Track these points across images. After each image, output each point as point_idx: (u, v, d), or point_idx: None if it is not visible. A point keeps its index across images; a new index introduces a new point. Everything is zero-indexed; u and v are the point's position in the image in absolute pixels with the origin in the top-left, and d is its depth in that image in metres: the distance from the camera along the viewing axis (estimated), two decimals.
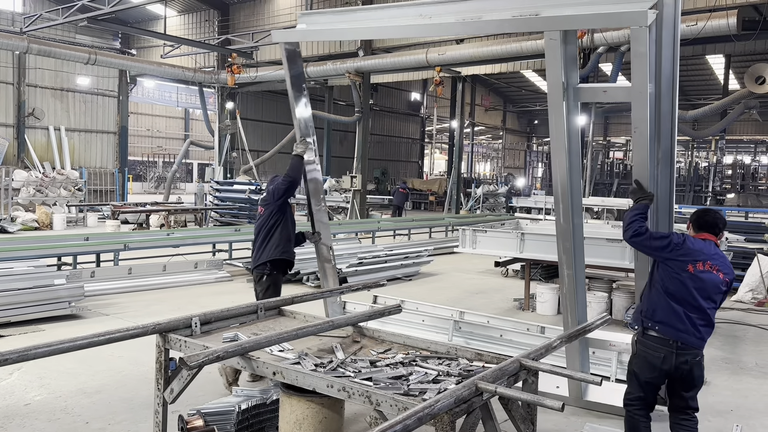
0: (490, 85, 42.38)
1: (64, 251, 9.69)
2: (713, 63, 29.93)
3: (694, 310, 3.76)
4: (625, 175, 32.71)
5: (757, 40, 18.79)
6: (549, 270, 10.71)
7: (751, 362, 6.74)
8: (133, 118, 36.08)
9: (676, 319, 3.77)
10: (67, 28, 25.20)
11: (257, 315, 4.61)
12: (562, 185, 4.51)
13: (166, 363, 3.86)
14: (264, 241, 5.75)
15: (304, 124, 5.86)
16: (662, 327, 3.80)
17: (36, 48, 21.09)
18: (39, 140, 25.16)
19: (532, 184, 44.39)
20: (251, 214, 19.10)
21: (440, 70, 21.16)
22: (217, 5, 28.45)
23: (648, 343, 3.85)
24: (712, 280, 3.76)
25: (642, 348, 3.89)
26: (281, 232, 5.76)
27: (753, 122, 34.47)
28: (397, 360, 3.82)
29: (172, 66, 26.12)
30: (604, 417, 5.02)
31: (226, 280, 10.54)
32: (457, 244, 9.55)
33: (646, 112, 3.94)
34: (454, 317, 6.58)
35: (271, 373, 3.57)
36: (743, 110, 20.77)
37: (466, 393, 2.86)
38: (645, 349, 3.87)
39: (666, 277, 3.84)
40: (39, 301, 7.49)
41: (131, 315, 7.93)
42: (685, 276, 3.76)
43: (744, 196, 26.29)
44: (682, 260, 3.79)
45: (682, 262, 3.78)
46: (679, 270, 3.78)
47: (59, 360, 5.10)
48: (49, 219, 17.78)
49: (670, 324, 3.78)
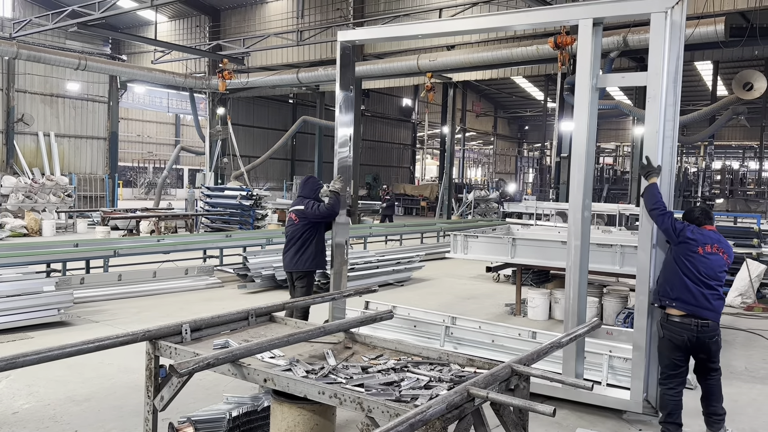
0: (481, 91, 42.56)
1: (54, 258, 9.62)
2: (701, 69, 30.21)
3: (704, 286, 4.46)
4: (615, 180, 32.86)
5: (745, 47, 18.96)
6: (540, 275, 10.74)
7: (741, 366, 6.78)
8: (123, 124, 35.96)
9: (690, 294, 4.47)
10: (57, 33, 25.10)
11: (248, 321, 4.59)
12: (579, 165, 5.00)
13: (156, 370, 3.83)
14: (299, 251, 6.44)
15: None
16: (678, 303, 4.50)
17: (25, 53, 20.97)
18: (28, 146, 25.00)
19: (523, 190, 44.54)
20: (242, 220, 19.07)
21: (431, 76, 21.23)
22: (208, 11, 28.42)
23: (671, 327, 4.55)
24: (717, 260, 4.52)
25: (667, 332, 4.58)
26: (317, 245, 6.46)
27: (741, 128, 34.78)
28: (389, 366, 3.81)
29: (163, 71, 26.06)
30: (596, 415, 5.04)
31: (217, 287, 10.50)
32: (449, 249, 9.55)
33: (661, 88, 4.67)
34: (446, 323, 6.57)
35: (262, 380, 3.55)
36: (731, 116, 20.95)
37: (457, 399, 2.86)
38: (670, 333, 4.56)
39: (679, 259, 4.54)
40: (28, 308, 7.43)
41: (121, 322, 7.88)
42: (696, 257, 4.49)
43: (733, 201, 26.49)
44: (694, 243, 4.51)
45: (694, 245, 4.51)
46: (692, 251, 4.50)
47: (48, 367, 5.06)
48: (39, 225, 17.66)
49: (684, 300, 4.48)
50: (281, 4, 26.21)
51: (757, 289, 9.93)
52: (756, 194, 29.93)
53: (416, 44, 22.40)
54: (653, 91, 4.72)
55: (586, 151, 4.96)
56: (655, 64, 4.70)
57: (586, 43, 4.91)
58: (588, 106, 4.94)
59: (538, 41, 18.49)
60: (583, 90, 4.95)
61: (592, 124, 5.01)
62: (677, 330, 4.50)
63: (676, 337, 4.51)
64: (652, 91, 4.73)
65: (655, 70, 4.71)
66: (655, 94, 4.72)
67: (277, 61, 26.30)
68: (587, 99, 4.94)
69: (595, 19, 4.89)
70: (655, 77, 4.71)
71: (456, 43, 21.58)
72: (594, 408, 5.28)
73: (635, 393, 5.00)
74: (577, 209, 5.02)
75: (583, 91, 4.95)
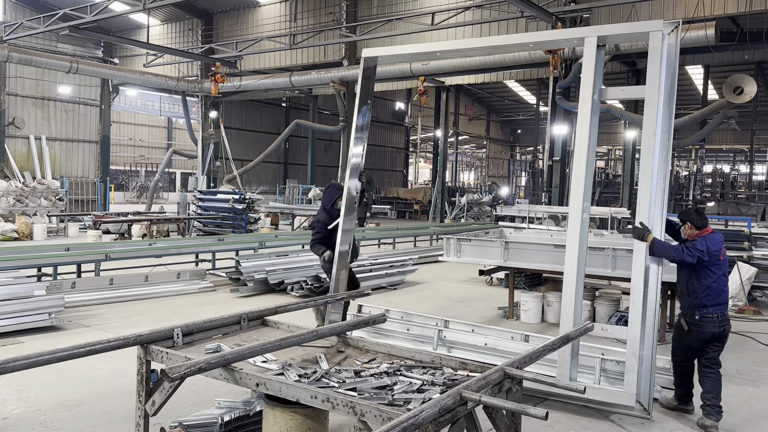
0: (473, 94, 42.69)
1: (44, 262, 9.56)
2: (692, 73, 30.42)
3: (726, 285, 5.21)
4: (607, 183, 33.01)
5: (735, 51, 19.14)
6: (533, 278, 10.76)
7: (732, 369, 6.81)
8: (115, 127, 35.83)
9: (723, 295, 5.15)
10: (49, 36, 25.00)
11: (240, 326, 4.57)
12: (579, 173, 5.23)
13: (147, 375, 3.81)
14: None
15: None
16: (715, 308, 5.11)
17: (17, 57, 20.87)
18: (19, 149, 24.86)
19: (516, 193, 44.66)
20: (235, 223, 19.03)
21: (424, 79, 21.28)
22: (201, 14, 28.37)
23: (700, 323, 5.12)
24: (726, 261, 5.23)
25: (696, 328, 5.15)
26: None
27: (732, 131, 35.02)
28: (382, 370, 3.81)
29: (155, 75, 25.99)
30: (589, 417, 5.05)
31: (210, 291, 10.46)
32: (442, 252, 9.56)
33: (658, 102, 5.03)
34: (439, 326, 6.57)
35: (254, 385, 3.54)
36: (722, 120, 21.08)
37: (450, 402, 2.86)
38: (698, 329, 5.14)
39: (710, 270, 5.09)
40: (18, 313, 7.36)
41: (112, 326, 7.84)
42: (721, 262, 5.12)
43: (724, 205, 26.63)
44: (717, 253, 5.10)
45: (717, 254, 5.10)
46: (718, 260, 5.10)
47: (39, 372, 5.01)
48: (30, 229, 17.54)
49: (719, 302, 5.12)
50: (274, 8, 26.22)
51: (748, 292, 9.99)
52: (747, 197, 30.14)
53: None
54: (650, 102, 5.06)
55: (587, 160, 5.17)
56: (653, 81, 5.02)
57: (590, 59, 5.23)
58: (590, 117, 5.20)
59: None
60: (586, 103, 5.22)
61: (593, 134, 5.25)
62: (705, 325, 5.11)
63: (703, 331, 5.12)
64: (650, 102, 5.06)
65: (652, 83, 5.02)
66: (651, 103, 5.05)
67: (269, 64, 26.29)
68: (589, 111, 5.20)
69: (599, 38, 5.25)
70: (652, 90, 5.03)
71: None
72: (587, 410, 5.29)
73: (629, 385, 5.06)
74: (576, 215, 5.17)
75: (586, 104, 5.22)
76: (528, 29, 19.35)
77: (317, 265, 10.82)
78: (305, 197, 26.70)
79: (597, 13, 18.09)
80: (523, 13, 16.64)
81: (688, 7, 16.79)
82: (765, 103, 34.75)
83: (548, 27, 17.15)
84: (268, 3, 26.32)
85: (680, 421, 5.24)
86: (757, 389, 6.18)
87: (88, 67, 23.37)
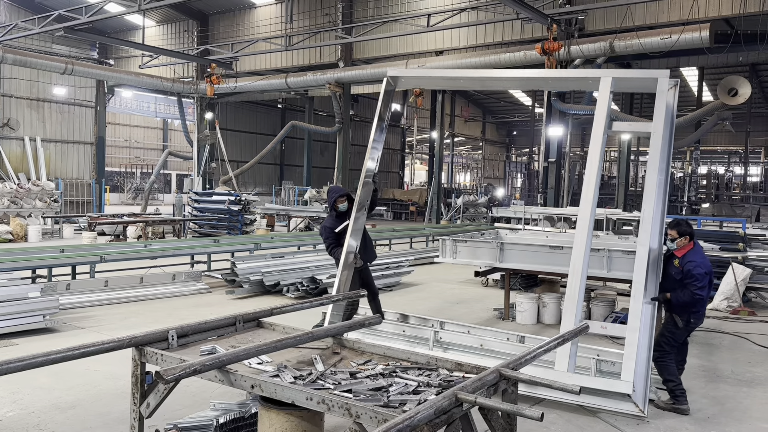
0: (469, 96, 42.76)
1: (39, 263, 9.53)
2: (687, 75, 30.54)
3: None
4: (602, 185, 33.07)
5: (729, 53, 19.21)
6: (528, 279, 10.77)
7: (727, 370, 6.83)
8: (110, 129, 35.78)
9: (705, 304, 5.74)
10: (44, 37, 24.94)
11: (236, 327, 4.56)
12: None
13: (142, 377, 3.79)
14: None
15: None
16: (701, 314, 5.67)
17: (11, 58, 20.80)
18: (14, 151, 24.79)
19: (512, 194, 44.74)
20: (230, 225, 19.00)
21: None
22: (197, 15, 28.33)
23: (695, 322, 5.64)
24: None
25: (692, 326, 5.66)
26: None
27: (726, 133, 35.21)
28: (377, 371, 3.80)
29: (151, 76, 25.94)
30: (586, 417, 5.06)
31: (205, 292, 10.43)
32: (438, 254, 9.57)
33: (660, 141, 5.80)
34: (435, 327, 6.57)
35: (249, 386, 3.53)
36: (717, 121, 21.17)
37: (446, 404, 2.86)
38: (692, 326, 5.69)
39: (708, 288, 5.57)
40: (12, 315, 7.34)
41: (107, 328, 7.81)
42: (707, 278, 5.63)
43: (718, 206, 26.75)
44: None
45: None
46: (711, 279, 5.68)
47: (33, 375, 5.00)
48: (24, 231, 17.48)
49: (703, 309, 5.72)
50: (270, 9, 26.21)
51: (742, 293, 10.02)
52: (741, 199, 30.27)
53: (405, 50, 22.47)
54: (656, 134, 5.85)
55: (595, 182, 5.89)
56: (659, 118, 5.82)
57: (605, 96, 5.95)
58: (600, 146, 5.91)
59: (525, 47, 18.61)
60: (598, 134, 5.90)
61: (601, 159, 6.02)
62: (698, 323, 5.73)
63: (693, 327, 5.74)
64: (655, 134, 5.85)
65: (658, 117, 5.82)
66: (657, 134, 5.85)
67: (265, 65, 26.27)
68: (600, 141, 5.90)
69: (613, 78, 6.01)
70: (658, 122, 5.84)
71: (444, 49, 21.68)
72: (583, 411, 5.30)
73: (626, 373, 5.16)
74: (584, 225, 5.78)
75: (598, 135, 5.91)
76: (523, 31, 19.41)
77: (313, 267, 10.82)
78: (301, 199, 26.68)
79: (592, 15, 18.16)
80: (519, 15, 16.67)
81: (683, 9, 16.86)
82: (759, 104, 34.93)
83: (543, 28, 17.19)
84: (264, 4, 26.31)
85: (675, 420, 5.25)
86: (751, 389, 6.20)
87: (83, 69, 23.31)
